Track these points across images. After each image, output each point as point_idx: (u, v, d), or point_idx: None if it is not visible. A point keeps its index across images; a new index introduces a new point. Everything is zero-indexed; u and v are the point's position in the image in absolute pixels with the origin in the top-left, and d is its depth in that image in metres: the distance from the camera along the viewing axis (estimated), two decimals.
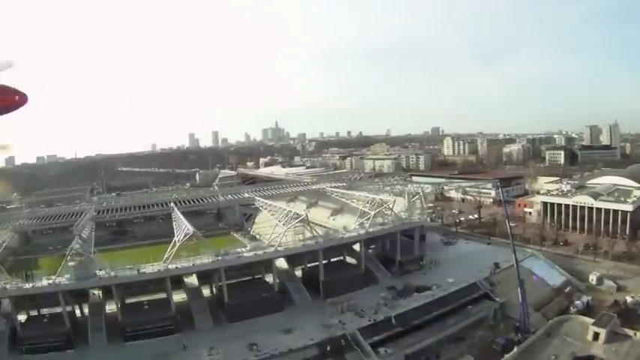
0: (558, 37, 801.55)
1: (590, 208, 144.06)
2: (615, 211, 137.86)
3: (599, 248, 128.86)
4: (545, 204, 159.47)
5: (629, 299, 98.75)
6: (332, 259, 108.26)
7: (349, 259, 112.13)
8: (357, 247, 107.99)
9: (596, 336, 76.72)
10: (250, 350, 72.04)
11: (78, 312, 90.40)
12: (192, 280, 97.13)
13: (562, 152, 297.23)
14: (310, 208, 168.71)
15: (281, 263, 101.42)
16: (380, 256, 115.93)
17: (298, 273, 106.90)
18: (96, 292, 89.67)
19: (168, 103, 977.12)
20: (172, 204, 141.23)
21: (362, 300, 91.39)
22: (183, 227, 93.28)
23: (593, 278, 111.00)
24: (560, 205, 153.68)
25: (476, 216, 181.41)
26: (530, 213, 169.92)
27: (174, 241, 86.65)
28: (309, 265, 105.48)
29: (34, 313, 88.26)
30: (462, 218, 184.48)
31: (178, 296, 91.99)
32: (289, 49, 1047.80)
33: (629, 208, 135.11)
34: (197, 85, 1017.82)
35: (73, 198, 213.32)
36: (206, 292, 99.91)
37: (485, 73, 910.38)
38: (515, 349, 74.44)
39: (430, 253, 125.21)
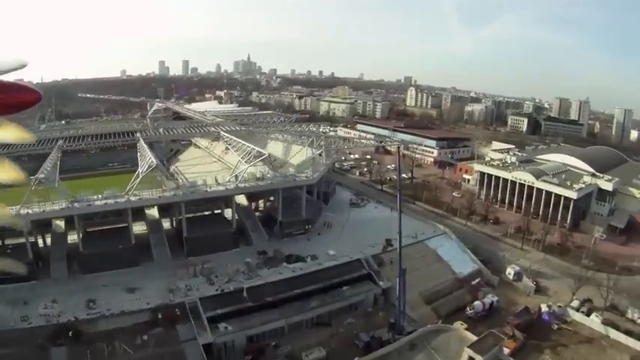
0: (544, 7, 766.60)
1: (531, 187, 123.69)
2: (557, 196, 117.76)
3: (532, 234, 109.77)
4: (482, 174, 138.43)
5: (544, 307, 79.13)
6: (205, 213, 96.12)
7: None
8: (243, 200, 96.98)
9: None
10: (86, 307, 64.31)
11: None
12: None
13: (525, 120, 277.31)
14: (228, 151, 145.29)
15: (154, 212, 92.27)
16: (264, 215, 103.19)
17: (168, 225, 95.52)
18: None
19: (143, 29, 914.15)
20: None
21: (223, 263, 78.18)
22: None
23: (510, 272, 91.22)
24: (498, 178, 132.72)
25: (409, 175, 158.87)
26: (468, 181, 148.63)
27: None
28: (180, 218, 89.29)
29: None
30: (394, 176, 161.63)
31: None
32: None
33: (572, 194, 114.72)
34: (172, 12, 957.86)
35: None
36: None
37: (468, 33, 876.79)
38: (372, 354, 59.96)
39: (331, 215, 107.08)
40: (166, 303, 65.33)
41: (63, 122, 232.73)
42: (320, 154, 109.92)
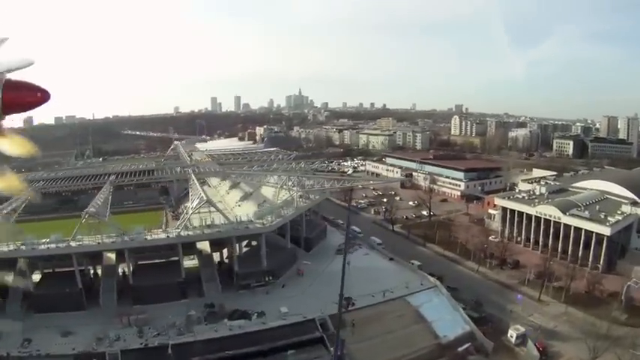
0: (589, 23, 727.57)
1: (558, 223, 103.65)
2: (588, 232, 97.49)
3: (555, 280, 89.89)
4: (504, 210, 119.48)
5: None
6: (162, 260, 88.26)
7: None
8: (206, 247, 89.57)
9: None
10: (21, 345, 63.57)
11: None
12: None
13: (571, 142, 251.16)
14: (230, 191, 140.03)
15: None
16: (228, 265, 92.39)
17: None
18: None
19: (196, 68, 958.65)
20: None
21: (163, 315, 71.05)
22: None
23: (513, 335, 72.91)
24: (521, 213, 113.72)
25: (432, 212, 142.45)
26: (493, 217, 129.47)
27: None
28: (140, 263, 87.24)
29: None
30: (413, 214, 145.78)
31: None
32: (319, 14, 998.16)
33: (605, 230, 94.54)
34: (225, 49, 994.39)
35: (53, 163, 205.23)
36: None
37: (519, 56, 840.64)
38: None
39: (306, 263, 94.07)
40: (89, 351, 61.90)
41: (100, 159, 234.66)
42: (296, 196, 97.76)
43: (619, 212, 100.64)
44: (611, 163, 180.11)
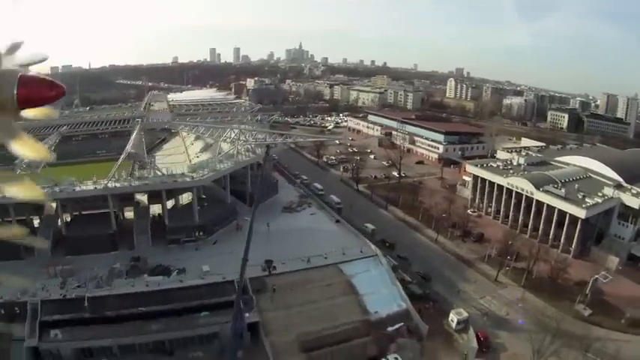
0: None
1: (530, 198, 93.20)
2: (562, 212, 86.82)
3: (520, 259, 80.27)
4: (475, 178, 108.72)
5: None
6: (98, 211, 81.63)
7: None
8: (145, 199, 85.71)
9: None
10: None
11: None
12: None
13: (566, 115, 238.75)
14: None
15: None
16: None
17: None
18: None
19: (197, 18, 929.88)
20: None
21: (89, 267, 66.90)
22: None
23: (453, 319, 63.33)
24: (492, 184, 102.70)
25: (404, 174, 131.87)
26: (466, 184, 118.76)
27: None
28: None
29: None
30: (383, 175, 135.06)
31: None
32: None
33: (580, 212, 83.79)
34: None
35: None
36: None
37: (526, 26, 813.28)
38: None
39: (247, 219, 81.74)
40: (13, 300, 59.88)
41: (87, 108, 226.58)
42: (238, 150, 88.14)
43: (600, 194, 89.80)
44: (605, 141, 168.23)
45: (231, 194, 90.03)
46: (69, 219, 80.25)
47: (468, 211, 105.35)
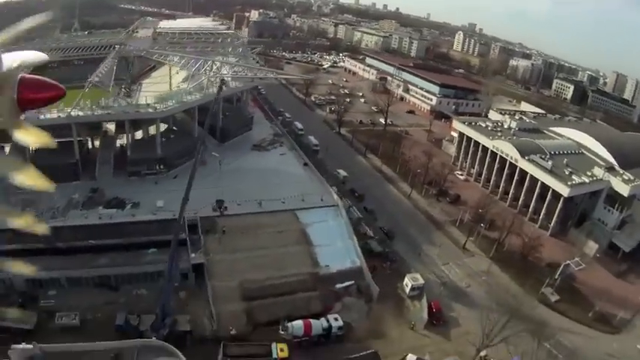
0: None
1: (513, 165, 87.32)
2: (545, 185, 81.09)
3: (493, 229, 76.01)
4: (461, 135, 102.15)
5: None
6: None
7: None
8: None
9: None
10: None
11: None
12: None
13: (571, 87, 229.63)
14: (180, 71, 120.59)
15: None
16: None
17: None
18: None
19: None
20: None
21: (50, 196, 62.40)
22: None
23: (408, 284, 58.61)
24: (477, 144, 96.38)
25: (391, 121, 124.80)
26: (453, 140, 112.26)
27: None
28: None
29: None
30: (369, 120, 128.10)
31: None
32: None
33: (564, 189, 78.15)
34: None
35: (34, 36, 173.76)
36: None
37: None
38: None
39: (217, 156, 76.34)
40: None
41: (86, 33, 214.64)
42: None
43: (589, 173, 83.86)
44: (607, 120, 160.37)
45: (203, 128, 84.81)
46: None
47: (457, 173, 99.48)
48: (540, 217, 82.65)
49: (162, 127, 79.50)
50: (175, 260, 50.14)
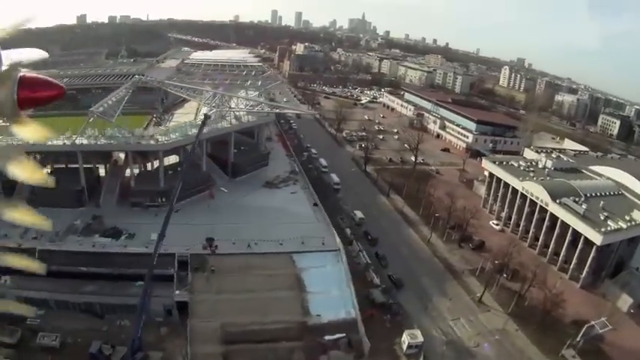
0: None
1: (544, 209, 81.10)
2: (577, 232, 74.34)
3: (516, 279, 69.87)
4: (491, 176, 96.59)
5: None
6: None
7: None
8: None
9: None
10: None
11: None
12: None
13: (617, 122, 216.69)
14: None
15: None
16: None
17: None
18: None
19: None
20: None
21: (55, 221, 50.09)
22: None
23: (405, 341, 54.09)
24: (507, 185, 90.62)
25: (422, 160, 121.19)
26: (483, 181, 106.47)
27: None
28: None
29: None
30: (399, 158, 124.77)
31: None
32: None
33: (596, 237, 71.04)
34: None
35: (78, 61, 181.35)
36: None
37: (594, 23, 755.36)
38: None
39: (226, 192, 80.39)
40: None
41: (132, 60, 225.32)
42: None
43: (627, 217, 76.44)
44: None
45: (214, 162, 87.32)
46: (49, 171, 75.73)
47: (492, 222, 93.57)
48: (571, 266, 75.53)
49: (174, 159, 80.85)
50: (148, 295, 49.42)
